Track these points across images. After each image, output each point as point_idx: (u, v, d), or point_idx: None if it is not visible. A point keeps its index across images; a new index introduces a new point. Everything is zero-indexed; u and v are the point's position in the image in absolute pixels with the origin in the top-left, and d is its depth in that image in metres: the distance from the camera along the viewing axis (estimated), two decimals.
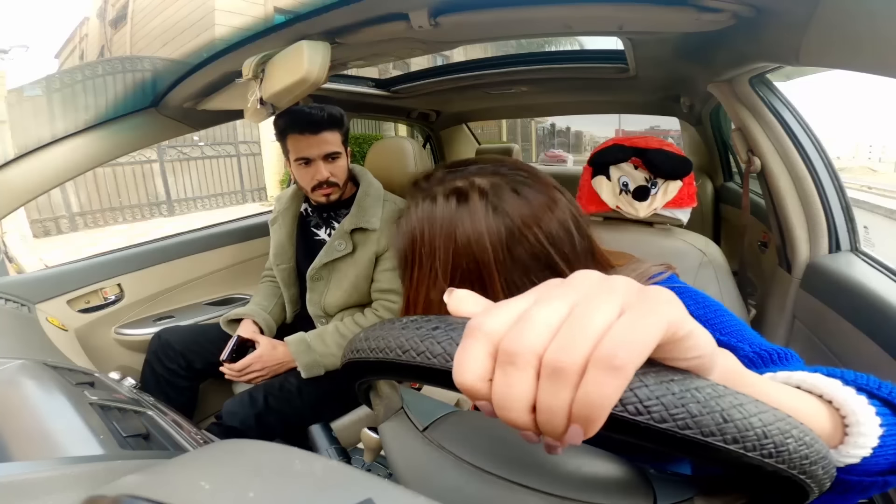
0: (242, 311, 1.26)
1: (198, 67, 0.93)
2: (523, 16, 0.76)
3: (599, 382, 0.18)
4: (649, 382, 0.20)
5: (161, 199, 6.28)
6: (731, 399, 0.21)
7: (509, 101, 1.90)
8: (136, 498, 0.22)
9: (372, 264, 1.19)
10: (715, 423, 0.20)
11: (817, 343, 0.83)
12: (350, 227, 1.17)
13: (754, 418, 0.21)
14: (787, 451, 0.21)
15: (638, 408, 0.20)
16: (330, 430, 0.52)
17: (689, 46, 0.94)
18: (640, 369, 0.19)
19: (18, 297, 1.12)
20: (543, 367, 0.19)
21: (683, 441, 0.20)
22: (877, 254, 0.88)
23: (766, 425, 0.21)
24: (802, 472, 0.22)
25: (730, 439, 0.20)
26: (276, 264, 1.28)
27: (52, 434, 0.45)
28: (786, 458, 0.21)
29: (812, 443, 0.22)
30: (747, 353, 0.42)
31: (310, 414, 1.09)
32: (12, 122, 1.01)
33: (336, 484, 0.23)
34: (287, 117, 1.14)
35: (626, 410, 0.20)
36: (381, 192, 1.24)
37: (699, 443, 0.20)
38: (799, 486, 0.23)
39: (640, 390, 0.20)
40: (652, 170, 0.93)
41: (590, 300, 0.20)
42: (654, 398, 0.20)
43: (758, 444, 0.21)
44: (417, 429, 0.39)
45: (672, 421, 0.20)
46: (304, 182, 1.18)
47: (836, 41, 0.56)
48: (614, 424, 0.20)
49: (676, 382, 0.20)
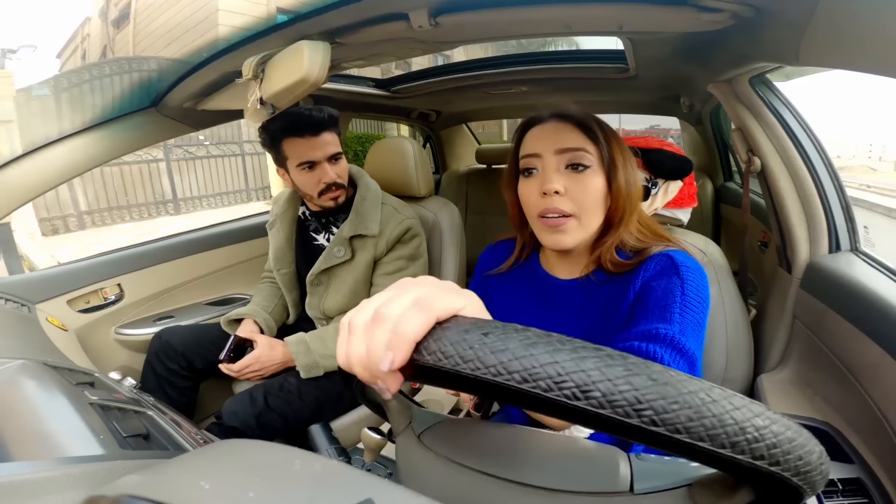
0: (243, 311, 1.26)
1: (198, 67, 0.92)
2: (523, 16, 0.76)
3: (409, 318, 0.28)
4: (444, 338, 0.27)
5: (167, 197, 6.35)
6: (500, 344, 0.25)
7: (509, 101, 1.90)
8: (136, 498, 0.22)
9: (370, 269, 1.19)
10: (485, 360, 0.24)
11: (817, 343, 0.83)
12: (349, 234, 1.16)
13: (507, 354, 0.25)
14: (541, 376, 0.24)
15: (434, 351, 0.26)
16: (330, 430, 0.53)
17: (689, 46, 0.94)
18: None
19: (18, 297, 1.12)
20: (372, 320, 0.29)
21: (476, 381, 0.25)
22: (874, 251, 0.88)
23: (518, 359, 0.24)
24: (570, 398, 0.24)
25: (493, 370, 0.24)
26: (277, 269, 1.28)
27: (52, 434, 0.45)
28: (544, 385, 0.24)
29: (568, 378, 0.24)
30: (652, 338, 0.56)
31: (310, 414, 1.09)
32: (21, 121, 1.01)
33: (336, 484, 0.24)
34: (283, 121, 1.09)
35: (426, 356, 0.27)
36: (378, 195, 1.22)
37: (485, 381, 0.24)
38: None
39: (436, 342, 0.27)
40: (652, 170, 0.93)
41: (410, 285, 0.31)
42: (444, 346, 0.26)
43: (498, 370, 0.24)
44: (415, 434, 0.40)
45: (464, 363, 0.25)
46: (310, 187, 1.14)
47: (836, 41, 0.56)
48: (423, 372, 0.27)
49: (456, 341, 0.26)
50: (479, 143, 2.60)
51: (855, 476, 0.66)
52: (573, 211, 0.64)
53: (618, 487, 0.31)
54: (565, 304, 0.72)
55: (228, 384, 1.32)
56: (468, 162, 2.51)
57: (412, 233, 1.20)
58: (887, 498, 0.63)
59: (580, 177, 0.64)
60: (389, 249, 1.18)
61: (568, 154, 0.64)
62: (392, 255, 1.19)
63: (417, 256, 1.22)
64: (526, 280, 0.77)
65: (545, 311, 0.73)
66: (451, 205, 1.37)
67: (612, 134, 0.67)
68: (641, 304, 0.62)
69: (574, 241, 0.65)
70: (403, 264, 1.19)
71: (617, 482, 0.31)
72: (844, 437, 0.72)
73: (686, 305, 0.58)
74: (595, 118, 0.67)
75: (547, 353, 0.23)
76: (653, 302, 0.60)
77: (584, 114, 0.67)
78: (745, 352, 0.90)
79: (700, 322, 0.59)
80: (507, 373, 0.24)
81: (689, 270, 0.61)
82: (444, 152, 2.49)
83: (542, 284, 0.75)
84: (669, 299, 0.59)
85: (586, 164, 0.64)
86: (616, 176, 0.64)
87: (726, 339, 0.88)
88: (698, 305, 0.59)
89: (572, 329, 0.70)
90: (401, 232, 1.18)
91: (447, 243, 1.32)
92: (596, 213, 0.65)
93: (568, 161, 0.64)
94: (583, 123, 0.65)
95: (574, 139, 0.64)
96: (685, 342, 0.56)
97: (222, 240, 1.56)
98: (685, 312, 0.58)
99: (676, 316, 0.57)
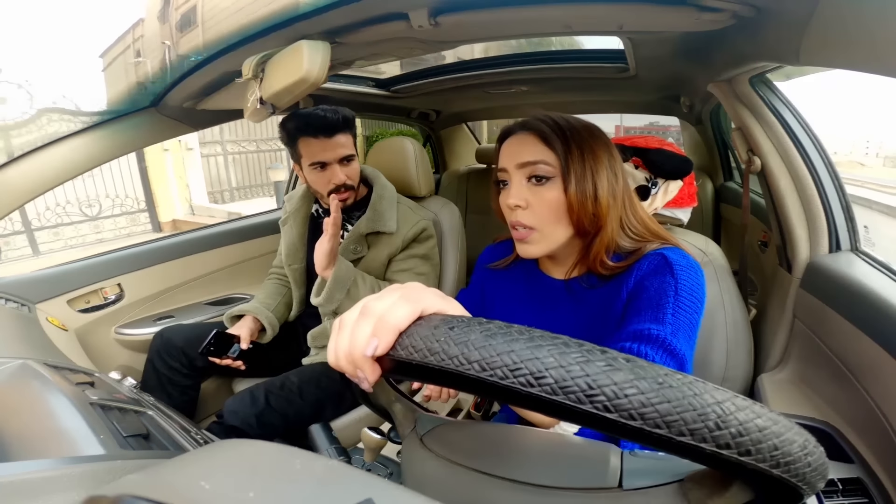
0: (245, 308, 1.27)
1: (198, 67, 0.92)
2: (523, 16, 0.76)
3: (396, 307, 0.30)
4: (417, 334, 0.28)
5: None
6: (462, 336, 0.26)
7: (509, 100, 1.90)
8: (136, 498, 0.22)
9: (384, 266, 1.20)
10: (452, 353, 0.25)
11: (817, 343, 0.83)
12: (366, 231, 1.17)
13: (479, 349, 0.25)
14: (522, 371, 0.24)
15: (407, 346, 0.28)
16: (330, 430, 0.53)
17: (689, 46, 0.94)
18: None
19: (18, 297, 1.12)
20: (360, 314, 0.32)
21: (442, 372, 0.26)
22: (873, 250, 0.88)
23: (481, 349, 0.25)
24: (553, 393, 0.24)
25: (464, 361, 0.25)
26: (288, 265, 1.29)
27: (52, 434, 0.45)
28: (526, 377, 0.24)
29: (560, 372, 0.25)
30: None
31: (310, 413, 1.10)
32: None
33: (336, 484, 0.23)
34: (299, 120, 1.12)
35: (399, 351, 0.28)
36: (394, 195, 1.23)
37: (449, 371, 0.25)
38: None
39: (409, 338, 0.28)
40: (652, 169, 0.93)
41: (392, 289, 0.33)
42: (414, 340, 0.28)
43: (485, 365, 0.24)
44: (418, 437, 0.41)
45: (431, 356, 0.26)
46: (320, 186, 1.16)
47: (836, 41, 0.56)
48: (398, 366, 0.29)
49: (431, 336, 0.27)
50: (479, 143, 2.60)
51: (855, 476, 0.66)
52: (533, 224, 0.65)
53: (607, 483, 0.31)
54: (560, 303, 0.72)
55: (229, 383, 1.32)
56: (468, 162, 2.51)
57: (427, 233, 1.22)
58: (887, 498, 0.63)
59: (540, 189, 0.64)
60: (405, 247, 1.19)
61: (528, 167, 0.64)
62: (406, 253, 1.20)
63: (431, 257, 1.24)
64: (523, 279, 0.78)
65: (541, 309, 0.74)
66: (451, 204, 1.37)
67: (578, 141, 0.64)
68: (634, 303, 0.61)
69: (540, 251, 0.66)
70: (417, 263, 1.20)
71: (606, 478, 0.31)
72: (844, 437, 0.72)
73: (679, 305, 0.58)
74: (560, 126, 0.65)
75: (504, 342, 0.24)
76: (645, 301, 0.60)
77: (547, 124, 0.65)
78: (745, 351, 0.90)
79: (693, 322, 0.58)
80: (468, 363, 0.24)
81: (683, 269, 0.61)
82: (444, 152, 2.49)
83: (538, 283, 0.75)
84: (662, 299, 0.58)
85: (545, 176, 0.64)
86: (569, 187, 0.63)
87: (726, 339, 0.88)
88: (692, 305, 0.59)
89: (567, 328, 0.70)
90: (417, 231, 1.20)
91: (447, 243, 1.32)
92: (559, 223, 0.64)
93: (529, 174, 0.65)
94: (542, 134, 0.64)
95: (533, 152, 0.64)
96: (676, 343, 0.55)
97: (222, 240, 1.56)
98: (678, 312, 0.57)
99: (669, 316, 0.57)
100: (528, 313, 0.75)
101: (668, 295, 0.59)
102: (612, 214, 0.65)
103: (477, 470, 0.34)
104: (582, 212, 0.63)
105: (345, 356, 0.32)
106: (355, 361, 0.31)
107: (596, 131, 0.67)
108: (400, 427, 0.45)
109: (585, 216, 0.64)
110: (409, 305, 0.30)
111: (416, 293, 0.32)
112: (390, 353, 0.29)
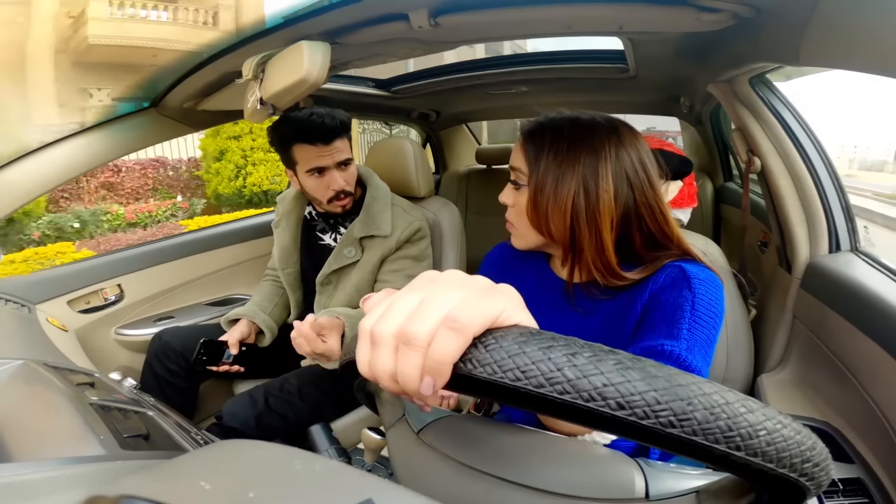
0: (241, 312, 1.26)
1: (198, 67, 0.93)
2: (523, 16, 0.76)
3: (444, 341, 0.24)
4: (483, 348, 0.24)
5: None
6: (541, 354, 0.23)
7: (509, 101, 1.90)
8: (136, 498, 0.22)
9: (377, 268, 1.20)
10: (520, 368, 0.23)
11: (817, 343, 0.83)
12: (360, 235, 1.16)
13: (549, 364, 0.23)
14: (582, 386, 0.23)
15: (473, 363, 0.24)
16: (330, 431, 0.53)
17: (689, 46, 0.94)
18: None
19: (18, 298, 1.12)
20: (397, 339, 0.26)
21: (516, 391, 0.23)
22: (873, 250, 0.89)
23: (549, 364, 0.23)
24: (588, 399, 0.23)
25: (534, 382, 0.23)
26: (282, 269, 1.28)
27: (52, 434, 0.45)
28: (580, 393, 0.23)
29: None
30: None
31: (310, 414, 1.09)
32: None
33: (336, 484, 0.23)
34: (293, 126, 1.08)
35: (466, 367, 0.24)
36: (388, 196, 1.23)
37: (520, 390, 0.23)
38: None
39: (476, 351, 0.24)
40: None
41: (438, 290, 0.27)
42: (487, 357, 0.24)
43: (547, 381, 0.23)
44: (413, 432, 0.40)
45: (502, 373, 0.23)
46: (319, 193, 1.15)
47: (836, 41, 0.56)
48: (461, 381, 0.25)
49: (504, 349, 0.24)
50: (479, 143, 2.60)
51: (855, 476, 0.66)
52: (514, 222, 0.70)
53: (634, 494, 0.31)
54: (570, 306, 0.70)
55: (228, 385, 1.32)
56: (468, 162, 2.52)
57: (421, 234, 1.22)
58: (887, 498, 0.63)
59: (516, 193, 0.68)
60: (398, 248, 1.19)
61: (512, 171, 0.68)
62: (399, 254, 1.19)
63: (423, 258, 1.23)
64: (534, 279, 0.77)
65: (551, 311, 0.72)
66: (451, 205, 1.37)
67: (556, 148, 0.62)
68: (649, 317, 0.59)
69: (523, 245, 0.70)
70: (408, 264, 1.20)
71: (633, 489, 0.31)
72: (845, 437, 0.72)
73: (696, 321, 0.56)
74: (543, 131, 0.64)
75: (591, 364, 0.23)
76: (661, 316, 0.58)
77: (534, 129, 0.65)
78: (746, 352, 0.90)
79: (710, 338, 0.56)
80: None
81: (701, 283, 0.58)
82: (444, 152, 2.49)
83: (548, 284, 0.74)
84: (678, 314, 0.56)
85: (519, 183, 0.66)
86: (531, 195, 0.63)
87: (726, 340, 0.88)
88: (709, 321, 0.56)
89: (578, 334, 0.69)
90: (411, 233, 1.19)
91: (447, 243, 1.32)
92: (530, 228, 0.66)
93: (513, 177, 0.68)
94: (524, 139, 0.66)
95: (515, 157, 0.67)
96: (691, 360, 0.53)
97: (222, 240, 1.56)
98: (694, 328, 0.55)
99: (685, 332, 0.55)
100: (537, 314, 0.74)
101: (685, 309, 0.56)
102: (584, 225, 0.61)
103: (499, 477, 0.33)
104: (541, 223, 0.64)
105: (390, 379, 0.27)
106: (409, 393, 0.27)
107: (595, 131, 0.64)
108: (385, 415, 0.44)
109: (545, 228, 0.64)
110: (458, 338, 0.25)
111: (462, 313, 0.25)
112: (460, 368, 0.25)
